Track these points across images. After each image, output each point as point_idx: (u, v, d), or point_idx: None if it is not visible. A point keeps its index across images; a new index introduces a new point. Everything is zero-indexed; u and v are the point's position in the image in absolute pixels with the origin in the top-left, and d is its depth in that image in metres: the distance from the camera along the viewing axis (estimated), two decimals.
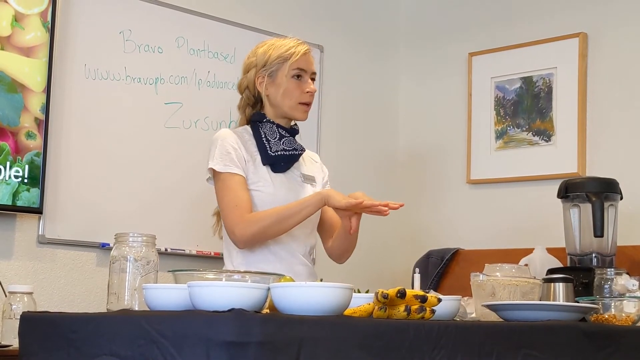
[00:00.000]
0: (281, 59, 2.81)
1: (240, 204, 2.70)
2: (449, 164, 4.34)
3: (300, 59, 2.82)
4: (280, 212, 2.70)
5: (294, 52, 2.81)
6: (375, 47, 4.49)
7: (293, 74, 2.81)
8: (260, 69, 2.84)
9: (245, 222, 2.68)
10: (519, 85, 4.13)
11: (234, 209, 2.70)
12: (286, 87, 2.81)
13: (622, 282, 2.83)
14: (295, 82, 2.82)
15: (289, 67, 2.81)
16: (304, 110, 2.84)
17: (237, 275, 1.99)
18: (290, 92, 2.82)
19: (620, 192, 3.30)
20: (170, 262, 3.40)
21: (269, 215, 2.70)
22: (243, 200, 2.71)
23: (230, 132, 2.84)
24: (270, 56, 2.83)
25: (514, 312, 2.33)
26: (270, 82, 2.83)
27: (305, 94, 2.83)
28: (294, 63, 2.81)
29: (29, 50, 3.21)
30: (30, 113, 3.19)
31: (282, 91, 2.81)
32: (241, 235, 2.69)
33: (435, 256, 4.08)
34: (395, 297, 1.91)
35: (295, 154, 2.86)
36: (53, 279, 3.30)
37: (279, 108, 2.84)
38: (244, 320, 1.60)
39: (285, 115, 2.85)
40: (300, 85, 2.83)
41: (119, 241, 2.29)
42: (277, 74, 2.82)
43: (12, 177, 3.12)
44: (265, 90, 2.84)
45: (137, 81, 3.55)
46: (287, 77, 2.81)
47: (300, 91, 2.82)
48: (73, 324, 1.90)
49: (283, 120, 2.87)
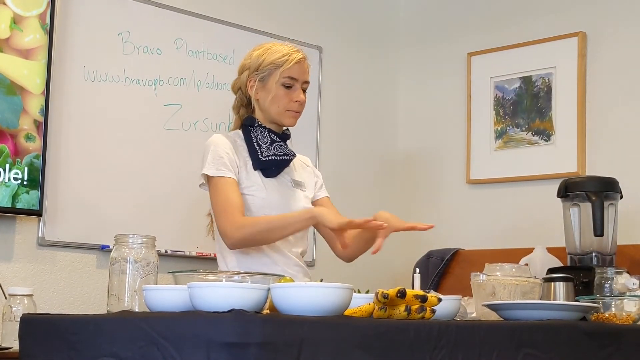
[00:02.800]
0: (273, 66, 2.81)
1: (232, 207, 2.71)
2: (448, 164, 4.34)
3: (293, 68, 2.81)
4: (270, 222, 2.71)
5: (286, 60, 2.80)
6: (374, 48, 4.49)
7: (283, 82, 2.81)
8: (252, 73, 2.84)
9: (235, 225, 2.70)
10: (518, 85, 4.13)
11: (226, 211, 2.71)
12: (275, 94, 2.81)
13: (623, 281, 2.83)
14: (284, 90, 2.82)
15: (280, 74, 2.80)
16: (291, 116, 2.84)
17: (237, 276, 1.99)
18: (279, 99, 2.82)
19: (620, 191, 3.30)
20: (170, 264, 3.40)
21: (259, 223, 2.72)
22: (235, 203, 2.72)
23: (223, 137, 2.85)
24: (263, 61, 2.82)
25: (515, 311, 2.33)
26: (261, 87, 2.83)
27: (294, 103, 2.82)
28: (285, 71, 2.80)
29: (27, 52, 3.20)
30: (29, 115, 3.19)
31: (270, 97, 2.82)
32: (231, 237, 2.70)
33: (435, 256, 4.08)
34: (396, 297, 1.91)
35: (286, 159, 2.87)
36: (53, 281, 3.30)
37: (267, 113, 2.85)
38: (245, 321, 1.59)
39: (273, 120, 2.86)
40: (289, 94, 2.82)
41: (119, 243, 2.29)
42: (268, 79, 2.82)
43: (11, 180, 3.12)
44: (255, 94, 2.84)
45: (136, 83, 3.55)
46: (277, 84, 2.81)
47: (288, 99, 2.82)
48: (73, 326, 1.90)
49: (274, 125, 2.87)
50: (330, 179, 3.07)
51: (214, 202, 2.76)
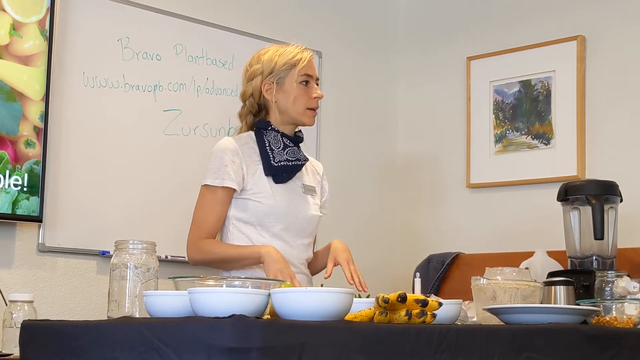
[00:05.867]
0: (288, 66, 2.83)
1: (204, 226, 2.79)
2: (448, 168, 4.34)
3: (307, 65, 2.85)
4: (226, 253, 2.77)
5: (300, 59, 2.83)
6: (374, 52, 4.49)
7: (301, 80, 2.84)
8: (267, 76, 2.84)
9: (196, 246, 2.80)
10: (517, 88, 4.13)
11: (197, 227, 2.81)
12: (295, 93, 2.84)
13: (623, 284, 2.83)
14: (303, 88, 2.85)
15: (297, 73, 2.83)
16: (311, 115, 2.87)
17: (238, 282, 1.99)
18: (299, 98, 2.84)
19: (620, 195, 3.30)
20: (170, 269, 3.39)
21: (216, 253, 2.79)
22: (208, 224, 2.79)
23: (232, 141, 2.83)
24: (277, 63, 2.83)
25: (515, 315, 2.33)
26: (279, 89, 2.84)
27: (313, 99, 2.86)
28: (301, 69, 2.83)
29: (27, 58, 3.21)
30: (29, 121, 3.19)
31: (292, 98, 2.83)
32: (190, 255, 2.84)
33: (435, 260, 4.08)
34: (396, 302, 1.90)
35: (298, 164, 2.87)
36: (53, 287, 3.30)
37: (287, 114, 2.85)
38: (245, 326, 1.59)
39: (293, 121, 2.86)
40: (307, 91, 2.85)
41: (119, 249, 2.29)
42: (285, 80, 2.83)
43: (11, 186, 3.12)
44: (272, 97, 2.84)
45: (135, 88, 3.55)
46: (295, 83, 2.83)
47: (307, 97, 2.85)
48: (74, 332, 1.90)
49: (288, 127, 2.87)
50: (330, 184, 3.06)
51: (195, 210, 2.83)
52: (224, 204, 2.79)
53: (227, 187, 2.77)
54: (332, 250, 2.82)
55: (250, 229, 2.81)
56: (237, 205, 2.81)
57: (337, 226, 3.82)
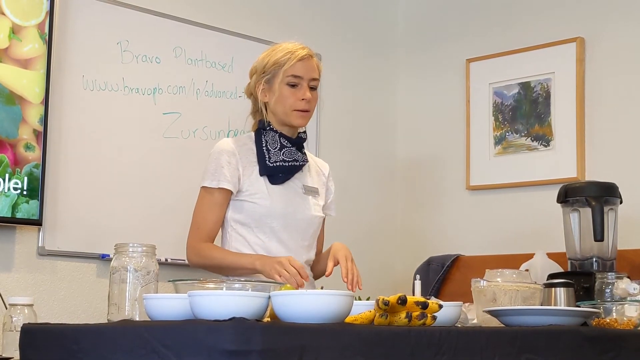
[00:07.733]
0: (277, 66, 2.78)
1: (203, 227, 2.79)
2: (448, 170, 4.34)
3: (296, 66, 2.77)
4: (223, 259, 2.76)
5: (289, 58, 2.76)
6: (373, 54, 4.49)
7: (287, 81, 2.77)
8: (259, 75, 2.82)
9: (195, 249, 2.80)
10: (517, 90, 4.13)
11: (196, 229, 2.80)
12: (279, 94, 2.78)
13: (623, 286, 2.83)
14: (289, 89, 2.78)
15: (282, 73, 2.76)
16: (299, 116, 2.79)
17: (238, 284, 1.99)
18: (284, 99, 2.78)
19: (620, 196, 3.30)
20: (170, 272, 3.39)
21: (214, 258, 2.78)
22: (207, 226, 2.79)
23: (229, 142, 2.82)
24: (268, 62, 2.80)
25: (515, 317, 2.33)
26: (268, 89, 2.81)
27: (300, 101, 2.78)
28: (288, 69, 2.77)
29: (26, 62, 3.21)
30: (28, 125, 3.19)
31: (275, 98, 2.79)
32: (188, 256, 2.84)
33: (435, 262, 4.07)
34: (396, 304, 1.90)
35: (295, 165, 2.84)
36: (53, 290, 3.30)
37: (276, 115, 2.81)
38: (245, 328, 1.59)
39: (283, 122, 2.82)
40: (295, 92, 2.78)
41: (119, 252, 2.29)
42: (273, 80, 2.79)
43: (11, 189, 3.12)
44: (263, 96, 2.82)
45: (135, 91, 3.55)
46: (281, 84, 2.77)
47: (294, 99, 2.78)
48: (74, 336, 1.90)
49: (286, 128, 2.83)
50: None
51: (194, 212, 2.83)
52: (222, 205, 2.78)
53: (224, 189, 2.76)
54: (333, 250, 2.81)
55: (247, 231, 2.80)
56: (234, 207, 2.81)
57: (336, 228, 3.81)
